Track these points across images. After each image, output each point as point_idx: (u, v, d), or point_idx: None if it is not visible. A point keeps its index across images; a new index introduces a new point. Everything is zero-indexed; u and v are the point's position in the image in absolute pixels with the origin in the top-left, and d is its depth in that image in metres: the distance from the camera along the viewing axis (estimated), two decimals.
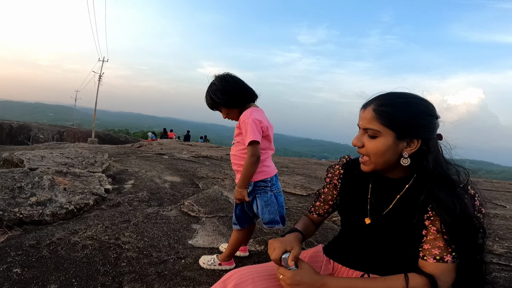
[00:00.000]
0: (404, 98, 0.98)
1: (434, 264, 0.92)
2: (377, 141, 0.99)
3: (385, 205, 1.07)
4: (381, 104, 0.98)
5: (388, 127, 0.97)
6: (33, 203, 2.43)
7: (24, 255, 1.77)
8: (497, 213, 3.28)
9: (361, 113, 1.03)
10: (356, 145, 1.04)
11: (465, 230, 0.90)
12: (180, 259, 1.89)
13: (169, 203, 2.97)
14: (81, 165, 4.00)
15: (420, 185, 1.00)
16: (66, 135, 28.75)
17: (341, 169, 1.25)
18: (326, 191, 1.30)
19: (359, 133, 1.04)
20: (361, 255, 1.12)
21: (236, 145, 1.73)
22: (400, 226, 1.02)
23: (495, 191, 5.12)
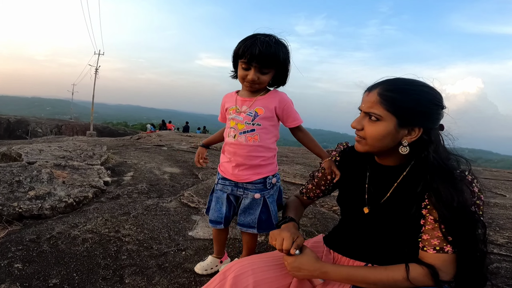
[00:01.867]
0: (412, 85, 0.96)
1: (434, 255, 0.91)
2: (378, 126, 0.97)
3: (382, 193, 1.06)
4: (387, 89, 0.95)
5: (391, 112, 0.94)
6: (32, 197, 2.41)
7: (24, 250, 1.77)
8: (497, 202, 3.26)
9: (365, 96, 1.01)
10: (356, 128, 1.03)
11: (462, 222, 0.88)
12: (181, 251, 1.88)
13: (168, 195, 2.96)
14: (79, 158, 3.98)
15: (417, 173, 0.98)
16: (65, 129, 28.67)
17: (337, 156, 1.24)
18: (320, 175, 1.30)
19: (360, 116, 1.03)
20: (361, 245, 1.11)
21: (260, 131, 1.36)
22: (398, 215, 1.00)
23: (495, 179, 5.12)
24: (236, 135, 1.37)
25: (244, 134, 1.36)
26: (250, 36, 1.28)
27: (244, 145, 1.37)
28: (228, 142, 1.42)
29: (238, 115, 1.38)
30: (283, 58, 1.29)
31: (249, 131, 1.36)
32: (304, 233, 2.24)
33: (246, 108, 1.37)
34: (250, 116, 1.36)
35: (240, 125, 1.37)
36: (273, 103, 1.36)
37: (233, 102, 1.42)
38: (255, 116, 1.35)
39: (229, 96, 1.48)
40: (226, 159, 1.45)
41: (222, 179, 1.49)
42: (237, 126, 1.38)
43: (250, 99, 1.38)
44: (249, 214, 1.45)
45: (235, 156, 1.40)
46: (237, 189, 1.46)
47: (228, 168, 1.45)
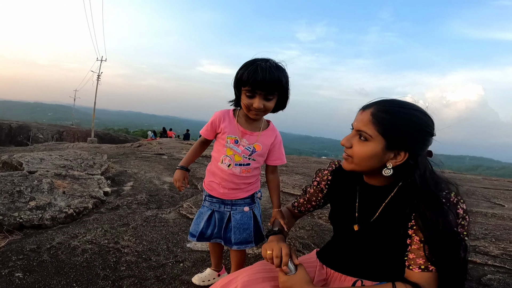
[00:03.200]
0: (405, 109, 0.97)
1: (419, 273, 0.94)
2: (366, 145, 0.99)
3: (372, 212, 1.09)
4: (381, 109, 0.97)
5: (381, 134, 0.96)
6: (32, 207, 2.45)
7: (25, 260, 1.80)
8: (495, 213, 3.26)
9: (359, 114, 1.03)
10: (344, 145, 1.05)
11: (445, 245, 0.91)
12: (179, 263, 1.91)
13: (167, 205, 2.99)
14: (80, 168, 4.01)
15: (404, 195, 1.00)
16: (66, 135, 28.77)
17: (329, 175, 1.27)
18: (312, 191, 1.33)
19: (350, 134, 1.05)
20: (353, 261, 1.14)
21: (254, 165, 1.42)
22: (386, 234, 1.03)
23: (494, 189, 5.11)
24: (231, 165, 1.40)
25: (240, 166, 1.40)
26: (251, 62, 1.28)
27: (237, 175, 1.41)
28: (221, 168, 1.42)
29: (237, 146, 1.39)
30: (285, 82, 1.30)
31: (245, 165, 1.40)
32: (301, 245, 2.26)
33: (246, 142, 1.39)
34: (248, 150, 1.39)
35: (237, 157, 1.39)
36: (271, 140, 1.42)
37: (233, 130, 1.39)
38: (253, 152, 1.39)
39: (226, 118, 1.42)
40: (215, 181, 1.46)
41: (209, 196, 1.51)
42: (233, 157, 1.40)
43: (252, 133, 1.39)
44: (244, 230, 1.47)
45: (226, 182, 1.43)
46: (224, 205, 1.48)
47: (216, 188, 1.47)
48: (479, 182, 6.01)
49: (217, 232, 1.50)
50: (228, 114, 1.44)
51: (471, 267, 1.95)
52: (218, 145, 1.45)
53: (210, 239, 1.52)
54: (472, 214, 3.22)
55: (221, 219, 1.49)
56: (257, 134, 1.40)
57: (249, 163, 1.40)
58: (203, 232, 1.50)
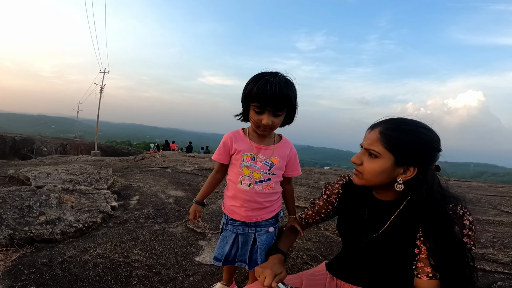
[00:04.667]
0: (412, 126, 1.02)
1: (427, 281, 0.98)
2: (376, 162, 1.04)
3: (380, 225, 1.12)
4: (388, 128, 1.02)
5: (389, 151, 1.01)
6: (42, 222, 2.48)
7: (37, 273, 1.82)
8: (502, 221, 3.25)
9: (367, 133, 1.08)
10: (355, 162, 1.10)
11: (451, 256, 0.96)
12: (189, 277, 1.93)
13: (174, 219, 3.01)
14: (86, 182, 4.05)
15: (413, 208, 1.05)
16: (69, 148, 28.90)
17: (340, 188, 1.30)
18: (321, 204, 1.36)
19: (360, 152, 1.10)
20: (363, 271, 1.17)
21: (274, 179, 1.41)
22: (395, 245, 1.07)
23: (500, 196, 5.08)
24: (252, 183, 1.37)
25: (261, 183, 1.38)
26: (259, 77, 1.27)
27: (260, 193, 1.39)
28: (242, 189, 1.39)
29: (254, 163, 1.37)
30: (294, 98, 1.29)
31: (265, 180, 1.38)
32: (309, 257, 2.27)
33: (262, 157, 1.37)
34: (266, 165, 1.37)
35: (257, 174, 1.37)
36: (286, 152, 1.42)
37: (247, 147, 1.38)
38: (271, 166, 1.38)
39: (238, 138, 1.41)
40: (237, 204, 1.44)
41: (231, 220, 1.48)
42: (253, 175, 1.37)
43: (266, 147, 1.39)
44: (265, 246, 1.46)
45: (249, 203, 1.40)
46: (248, 228, 1.46)
47: (238, 212, 1.44)
48: (484, 189, 5.99)
49: (241, 254, 1.49)
50: (238, 133, 1.43)
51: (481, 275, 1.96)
52: (233, 168, 1.43)
53: (235, 262, 1.51)
54: (480, 222, 3.22)
55: (245, 242, 1.47)
56: (272, 147, 1.39)
57: (269, 178, 1.39)
58: (228, 255, 1.49)
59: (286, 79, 1.29)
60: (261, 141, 1.39)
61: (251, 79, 1.28)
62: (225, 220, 1.52)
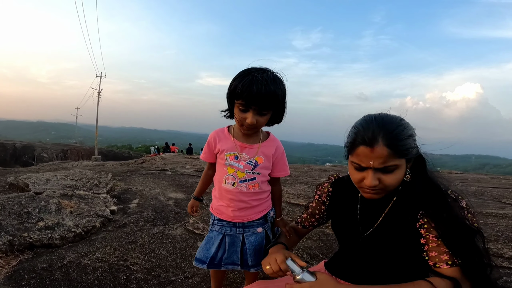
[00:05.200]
0: (401, 126, 0.98)
1: (449, 269, 0.94)
2: (397, 173, 0.98)
3: (374, 220, 1.11)
4: (390, 137, 0.95)
5: (402, 157, 0.97)
6: (41, 228, 2.47)
7: (38, 278, 1.83)
8: (506, 213, 3.20)
9: (369, 152, 0.95)
10: (375, 185, 0.99)
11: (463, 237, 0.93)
12: (188, 279, 1.92)
13: (174, 222, 3.00)
14: (85, 187, 4.05)
15: (407, 196, 1.04)
16: (70, 153, 28.93)
17: (329, 187, 1.29)
18: (314, 205, 1.34)
19: (370, 173, 0.98)
20: (362, 269, 1.15)
21: (260, 179, 1.35)
22: (394, 238, 1.05)
23: (503, 188, 5.04)
24: (236, 183, 1.33)
25: (245, 182, 1.33)
26: (246, 73, 1.20)
27: (244, 193, 1.34)
28: (226, 189, 1.35)
29: (238, 162, 1.32)
30: (282, 96, 1.22)
31: (250, 180, 1.33)
32: (309, 256, 2.26)
33: (246, 156, 1.32)
34: (250, 165, 1.32)
35: (240, 173, 1.33)
36: (271, 151, 1.36)
37: (231, 146, 1.34)
38: (255, 165, 1.33)
39: (221, 136, 1.37)
40: (223, 204, 1.39)
41: (218, 220, 1.42)
42: (236, 174, 1.33)
43: (251, 146, 1.33)
44: (258, 251, 1.39)
45: (235, 202, 1.35)
46: (236, 228, 1.40)
47: (226, 212, 1.39)
48: (487, 181, 5.95)
49: (228, 257, 1.40)
50: (222, 132, 1.39)
51: None
52: (218, 166, 1.39)
53: (221, 266, 1.41)
54: (483, 215, 3.19)
55: (232, 243, 1.40)
56: (257, 146, 1.33)
57: (254, 177, 1.33)
58: (214, 258, 1.40)
59: (275, 76, 1.22)
60: (246, 139, 1.34)
61: (238, 75, 1.22)
62: (212, 220, 1.46)
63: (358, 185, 1.05)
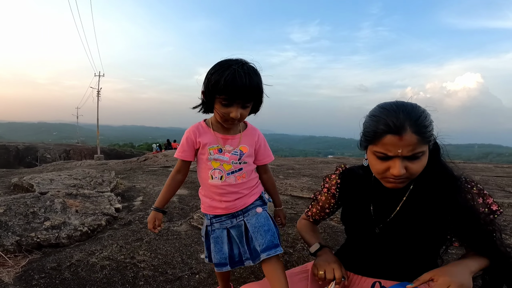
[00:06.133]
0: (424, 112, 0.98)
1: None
2: (423, 160, 0.99)
3: (391, 210, 1.10)
4: (418, 124, 0.94)
5: (427, 144, 0.98)
6: (48, 227, 2.49)
7: (47, 278, 1.84)
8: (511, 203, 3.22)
9: (397, 140, 0.94)
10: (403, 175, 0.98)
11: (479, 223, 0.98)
12: (194, 275, 1.93)
13: (178, 218, 3.02)
14: (89, 186, 4.06)
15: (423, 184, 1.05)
16: (73, 153, 29.04)
17: (337, 178, 1.28)
18: (324, 199, 1.32)
19: (398, 161, 0.96)
20: (373, 261, 1.14)
21: (247, 168, 1.34)
22: (413, 226, 1.06)
23: (507, 177, 5.01)
24: (223, 176, 1.30)
25: (233, 174, 1.30)
26: (224, 66, 1.16)
27: (233, 184, 1.31)
28: (214, 184, 1.31)
29: (222, 155, 1.29)
30: (261, 87, 1.22)
31: (237, 171, 1.31)
32: None
33: (230, 147, 1.30)
34: (235, 155, 1.30)
35: (227, 165, 1.30)
36: (254, 139, 1.35)
37: (212, 140, 1.30)
38: (241, 155, 1.31)
39: (202, 131, 1.32)
40: (214, 200, 1.34)
41: (215, 217, 1.36)
42: (223, 167, 1.30)
43: (233, 137, 1.31)
44: (265, 231, 1.26)
45: (226, 196, 1.31)
46: (235, 218, 1.34)
47: (219, 206, 1.33)
48: (491, 170, 5.93)
49: (245, 251, 1.31)
50: (201, 126, 1.34)
51: None
52: (200, 163, 1.34)
53: (243, 262, 1.32)
54: None
55: (241, 234, 1.32)
56: (239, 136, 1.32)
57: (241, 167, 1.31)
58: (232, 256, 1.33)
59: (254, 67, 1.20)
60: (226, 131, 1.31)
61: (215, 69, 1.18)
62: (209, 221, 1.39)
63: (381, 175, 1.03)
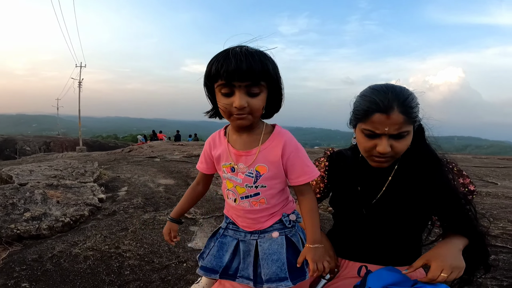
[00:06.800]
0: (411, 94, 1.01)
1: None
2: (407, 140, 1.02)
3: (377, 189, 1.12)
4: (405, 105, 0.97)
5: (412, 124, 1.01)
6: (28, 218, 2.41)
7: (29, 270, 1.79)
8: (489, 191, 3.28)
9: (385, 119, 0.96)
10: (387, 152, 1.00)
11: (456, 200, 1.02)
12: (182, 263, 1.91)
13: (165, 207, 2.98)
14: (71, 176, 3.96)
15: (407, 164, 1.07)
16: (53, 145, 28.19)
17: (326, 161, 1.28)
18: (314, 183, 1.32)
19: (384, 139, 0.99)
20: (359, 245, 1.15)
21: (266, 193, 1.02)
22: (399, 205, 1.08)
23: (485, 167, 5.17)
24: (237, 199, 1.05)
25: (247, 199, 1.03)
26: (221, 52, 0.93)
27: (248, 210, 1.05)
28: (229, 204, 1.10)
29: (235, 175, 1.02)
30: (273, 68, 0.93)
31: (253, 195, 1.02)
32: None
33: (243, 166, 1.00)
34: (250, 177, 1.00)
35: (240, 188, 1.03)
36: (277, 152, 0.98)
37: (226, 155, 1.04)
38: (257, 177, 1.00)
39: (217, 141, 1.09)
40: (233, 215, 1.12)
41: (233, 223, 1.13)
42: (236, 189, 1.04)
43: (248, 152, 0.99)
44: (272, 261, 1.01)
45: (242, 218, 1.08)
46: (250, 234, 1.09)
47: (237, 220, 1.11)
48: (470, 161, 6.11)
49: (244, 268, 1.07)
50: (218, 135, 1.09)
51: None
52: (222, 178, 1.11)
53: (236, 277, 1.06)
54: None
55: (248, 252, 1.07)
56: (255, 151, 0.98)
57: (258, 192, 1.01)
58: (228, 267, 1.10)
59: (259, 50, 0.94)
60: (243, 142, 1.01)
61: (212, 59, 0.93)
62: (226, 224, 1.16)
63: (367, 153, 1.06)
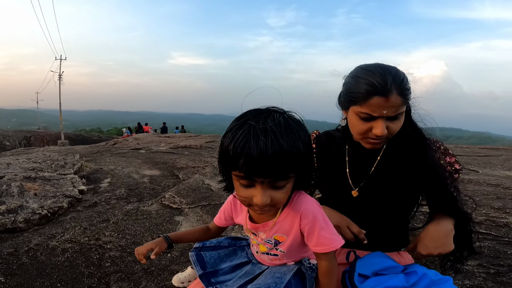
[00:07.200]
0: (404, 74, 0.98)
1: None
2: (401, 120, 0.99)
3: (366, 170, 1.08)
4: (401, 87, 0.94)
5: (406, 104, 0.99)
6: (3, 212, 2.30)
7: (4, 264, 1.71)
8: (471, 179, 3.34)
9: (384, 101, 0.93)
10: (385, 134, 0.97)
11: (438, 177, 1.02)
12: (166, 253, 1.85)
13: (149, 198, 2.89)
14: (50, 169, 3.81)
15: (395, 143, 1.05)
16: (34, 140, 27.32)
17: (313, 143, 1.23)
18: None
19: (381, 122, 0.96)
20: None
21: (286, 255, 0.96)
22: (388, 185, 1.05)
23: (466, 156, 5.28)
24: (258, 252, 1.00)
25: (267, 255, 0.98)
26: (240, 122, 0.75)
27: (268, 263, 0.99)
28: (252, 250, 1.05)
29: (256, 238, 0.96)
30: (306, 151, 0.77)
31: (272, 255, 0.97)
32: None
33: (263, 235, 0.94)
34: (270, 243, 0.95)
35: (262, 247, 0.97)
36: (293, 224, 0.90)
37: (244, 223, 0.97)
38: (276, 244, 0.94)
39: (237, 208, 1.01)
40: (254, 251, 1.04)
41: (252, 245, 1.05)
42: (258, 247, 0.98)
43: (264, 224, 0.92)
44: (273, 277, 0.93)
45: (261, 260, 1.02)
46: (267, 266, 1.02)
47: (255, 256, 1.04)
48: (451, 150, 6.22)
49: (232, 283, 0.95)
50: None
51: None
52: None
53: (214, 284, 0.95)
54: None
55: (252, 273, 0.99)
56: (271, 224, 0.91)
57: (277, 254, 0.96)
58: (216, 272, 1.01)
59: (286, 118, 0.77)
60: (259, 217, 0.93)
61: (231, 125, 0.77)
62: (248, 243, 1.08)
63: (362, 135, 1.01)
